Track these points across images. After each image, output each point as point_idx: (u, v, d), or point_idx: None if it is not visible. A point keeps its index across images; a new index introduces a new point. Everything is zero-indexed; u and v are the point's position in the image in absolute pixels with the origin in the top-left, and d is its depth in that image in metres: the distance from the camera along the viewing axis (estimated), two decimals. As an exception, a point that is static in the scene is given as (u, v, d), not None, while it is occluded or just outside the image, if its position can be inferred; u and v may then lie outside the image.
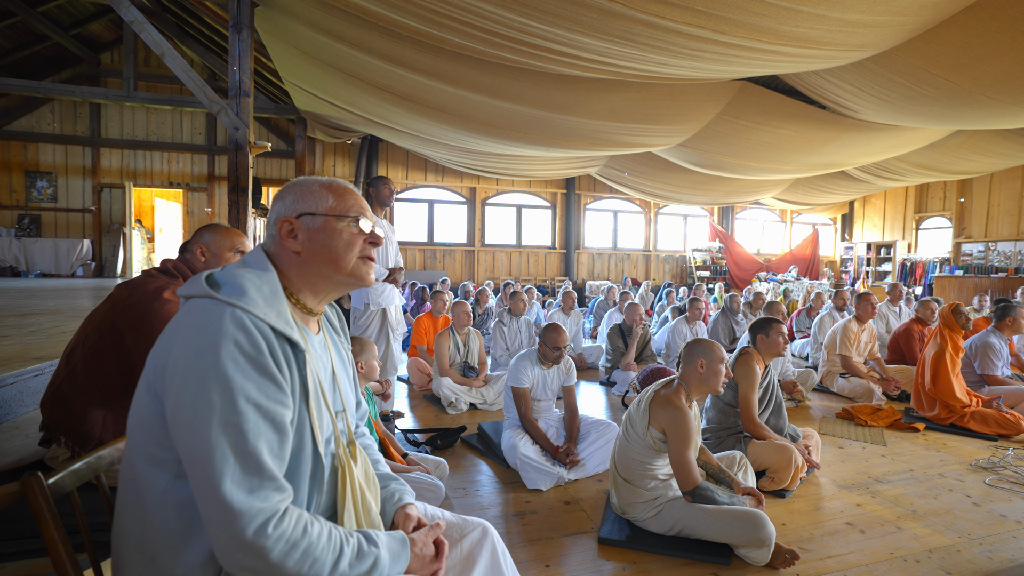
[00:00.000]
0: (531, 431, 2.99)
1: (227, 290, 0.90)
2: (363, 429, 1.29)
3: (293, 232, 1.01)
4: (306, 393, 0.95)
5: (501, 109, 6.40)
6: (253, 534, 0.80)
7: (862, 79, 5.24)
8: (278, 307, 0.94)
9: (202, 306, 0.89)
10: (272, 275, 0.97)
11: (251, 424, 0.83)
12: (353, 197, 1.06)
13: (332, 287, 1.05)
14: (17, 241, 9.79)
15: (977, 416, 3.70)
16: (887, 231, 14.32)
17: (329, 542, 0.88)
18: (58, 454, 1.85)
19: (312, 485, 0.96)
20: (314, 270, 1.02)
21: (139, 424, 0.90)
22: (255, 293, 0.91)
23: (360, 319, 3.58)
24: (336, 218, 1.02)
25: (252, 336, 0.86)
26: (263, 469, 0.83)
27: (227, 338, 0.84)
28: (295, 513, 0.86)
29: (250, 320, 0.87)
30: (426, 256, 12.39)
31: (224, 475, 0.80)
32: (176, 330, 0.89)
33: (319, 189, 1.04)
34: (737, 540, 1.98)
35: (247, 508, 0.80)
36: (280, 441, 0.88)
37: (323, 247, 1.01)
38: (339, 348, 1.17)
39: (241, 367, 0.84)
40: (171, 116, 10.81)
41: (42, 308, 5.46)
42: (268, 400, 0.86)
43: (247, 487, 0.81)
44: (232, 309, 0.87)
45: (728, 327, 6.04)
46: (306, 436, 0.94)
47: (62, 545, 0.90)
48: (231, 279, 0.92)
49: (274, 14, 5.24)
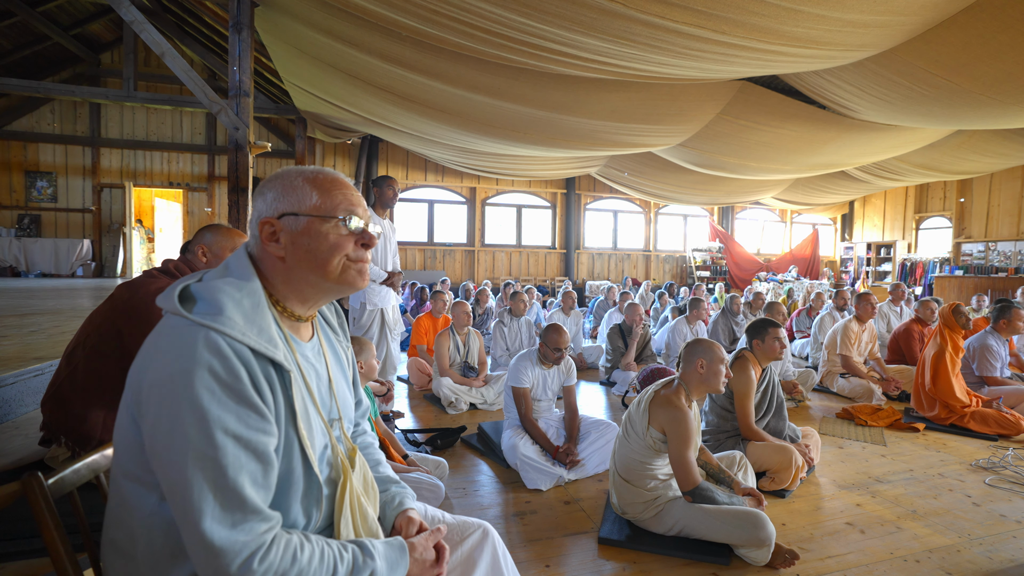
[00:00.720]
0: (531, 431, 2.98)
1: (202, 307, 0.83)
2: (364, 426, 1.27)
3: (275, 235, 0.91)
4: (293, 415, 0.89)
5: (501, 109, 6.40)
6: (238, 570, 0.76)
7: (862, 79, 5.24)
8: (260, 323, 0.86)
9: (174, 327, 0.82)
10: (255, 285, 0.89)
11: (230, 458, 0.77)
12: (341, 192, 0.95)
13: (321, 294, 0.97)
14: (17, 241, 9.79)
15: (977, 416, 3.70)
16: (887, 231, 14.32)
17: (322, 564, 0.85)
18: (58, 454, 1.85)
19: (307, 503, 0.93)
20: (300, 276, 0.93)
21: (122, 444, 0.86)
22: (233, 310, 0.83)
23: (360, 319, 3.58)
24: (320, 219, 0.92)
25: (228, 362, 0.79)
26: (245, 503, 0.78)
27: (201, 365, 0.77)
28: (283, 541, 0.82)
29: (227, 343, 0.80)
30: (426, 256, 12.39)
31: (203, 512, 0.75)
32: (149, 353, 0.82)
33: (302, 184, 0.93)
34: (737, 540, 1.98)
35: (230, 544, 0.76)
36: (264, 471, 0.82)
37: (307, 252, 0.91)
38: (336, 349, 1.12)
39: (217, 397, 0.78)
40: (171, 116, 10.81)
41: (42, 308, 5.47)
42: (248, 430, 0.80)
43: (229, 522, 0.76)
44: (206, 332, 0.80)
45: (728, 328, 6.04)
46: (295, 458, 0.89)
47: (62, 545, 0.90)
48: (207, 294, 0.84)
49: (274, 14, 5.24)
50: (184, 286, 0.87)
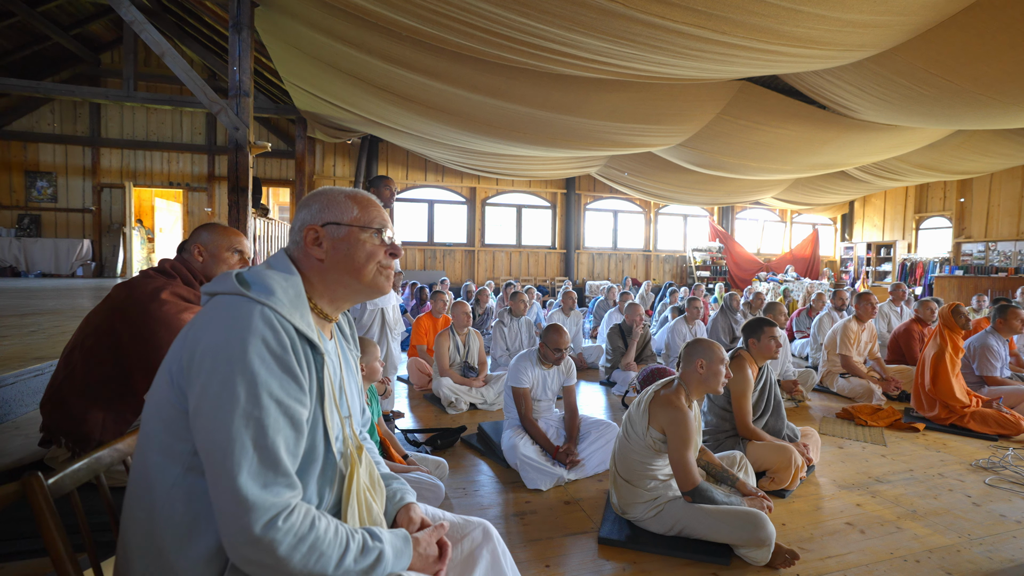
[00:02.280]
0: (531, 431, 2.98)
1: (256, 289, 0.93)
2: (365, 435, 1.31)
3: (318, 240, 1.04)
4: (322, 394, 0.97)
5: (501, 109, 6.40)
6: (263, 528, 0.82)
7: (862, 79, 5.24)
8: (301, 310, 0.97)
9: (232, 302, 0.91)
10: (297, 279, 1.00)
11: (272, 419, 0.86)
12: (376, 209, 1.10)
13: (350, 295, 1.09)
14: (17, 241, 9.79)
15: (977, 416, 3.70)
16: (887, 231, 14.32)
17: (335, 537, 0.90)
18: (58, 454, 1.85)
19: (322, 483, 0.99)
20: (335, 278, 1.05)
21: (157, 414, 0.92)
22: (282, 294, 0.94)
23: (361, 319, 3.57)
24: (360, 228, 1.06)
25: (279, 334, 0.89)
26: (279, 464, 0.86)
27: (256, 334, 0.87)
28: (303, 508, 0.88)
29: (277, 319, 0.90)
30: (426, 256, 12.39)
31: (242, 467, 0.82)
32: (205, 324, 0.90)
33: (344, 200, 1.07)
34: (737, 540, 1.98)
35: (260, 502, 0.82)
36: (296, 439, 0.90)
37: (346, 256, 1.04)
38: (348, 357, 1.19)
39: (267, 363, 0.87)
40: (171, 116, 10.81)
41: (42, 308, 5.46)
42: (289, 398, 0.89)
43: (262, 481, 0.83)
44: (261, 307, 0.90)
45: (728, 325, 6.04)
46: (319, 435, 0.97)
47: (62, 545, 0.90)
48: (259, 279, 0.95)
49: (274, 14, 5.24)
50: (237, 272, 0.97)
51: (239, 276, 0.96)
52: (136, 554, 0.90)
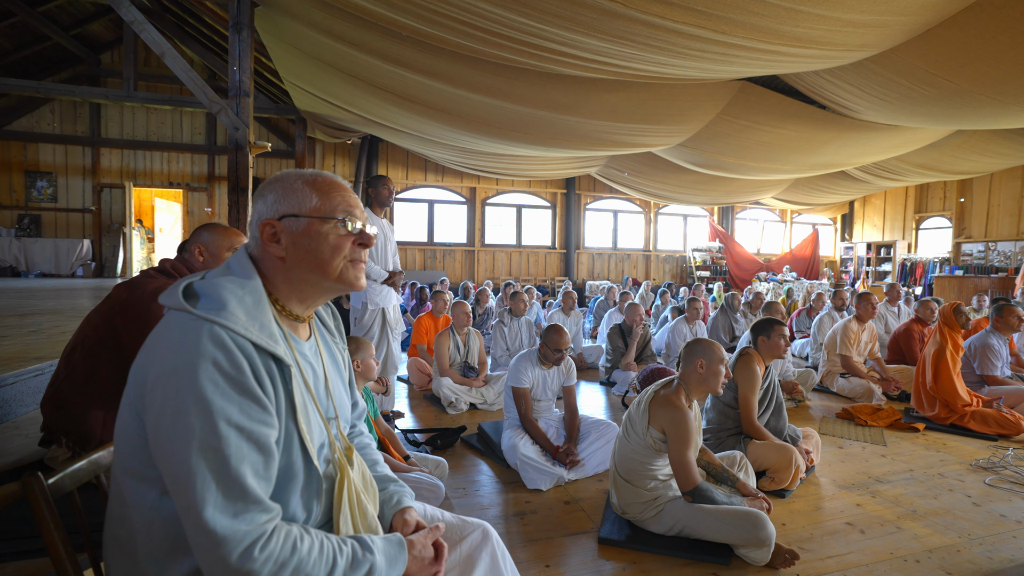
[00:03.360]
0: (531, 431, 2.98)
1: (205, 303, 0.85)
2: (361, 427, 1.28)
3: (276, 236, 0.94)
4: (293, 409, 0.91)
5: (501, 109, 6.40)
6: (239, 559, 0.77)
7: (862, 79, 5.24)
8: (261, 319, 0.88)
9: (179, 322, 0.84)
10: (256, 283, 0.92)
11: (233, 448, 0.79)
12: (340, 194, 0.98)
13: (320, 293, 1.00)
14: (17, 241, 9.79)
15: (977, 416, 3.70)
16: (887, 231, 14.32)
17: (321, 555, 0.85)
18: (58, 454, 1.85)
19: (307, 497, 0.94)
20: (300, 276, 0.96)
21: (124, 440, 0.87)
22: (236, 306, 0.85)
23: (362, 319, 3.57)
24: (321, 220, 0.94)
25: (232, 355, 0.81)
26: (247, 493, 0.80)
27: (205, 358, 0.79)
28: (283, 531, 0.83)
29: (230, 337, 0.82)
30: (426, 256, 12.39)
31: (206, 501, 0.77)
32: (154, 347, 0.84)
33: (302, 186, 0.95)
34: (737, 540, 1.98)
35: (231, 533, 0.77)
36: (265, 462, 0.84)
37: (308, 252, 0.94)
38: (332, 351, 1.13)
39: (221, 388, 0.80)
40: (171, 116, 10.81)
41: (42, 308, 5.47)
42: (251, 421, 0.82)
43: (231, 512, 0.78)
44: (210, 325, 0.82)
45: (728, 325, 6.05)
46: (295, 451, 0.91)
47: (62, 545, 0.90)
48: (211, 290, 0.87)
49: (274, 14, 5.24)
50: (187, 283, 0.89)
51: (188, 288, 0.88)
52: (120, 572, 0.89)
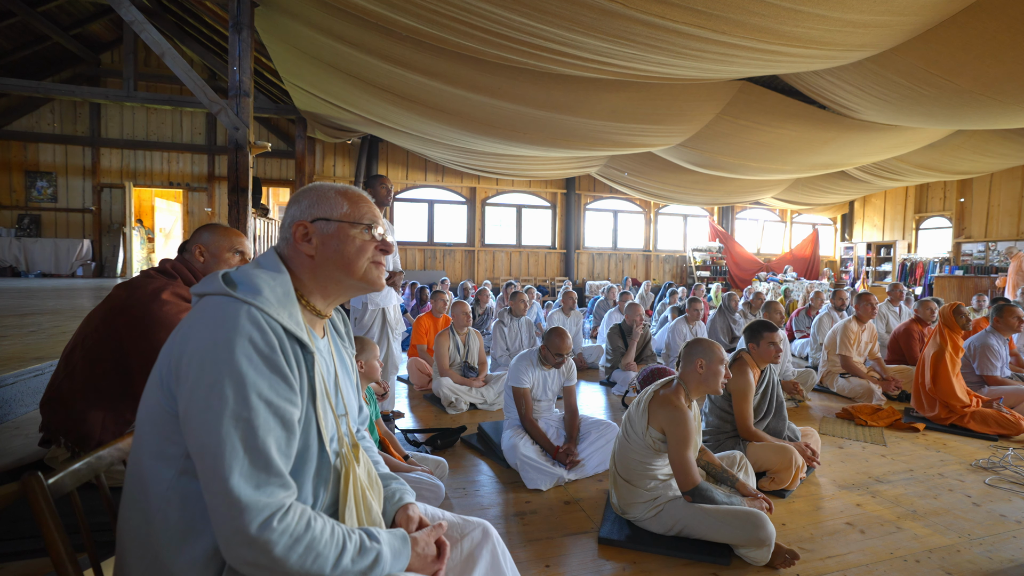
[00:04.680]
0: (531, 431, 2.98)
1: (243, 289, 0.93)
2: (364, 432, 1.31)
3: (307, 236, 1.03)
4: (313, 393, 0.97)
5: (501, 109, 6.40)
6: (258, 528, 0.81)
7: (862, 79, 5.24)
8: (290, 308, 0.96)
9: (218, 303, 0.91)
10: (285, 277, 1.00)
11: (262, 420, 0.85)
12: (367, 205, 1.08)
13: (343, 291, 1.08)
14: (17, 241, 9.79)
15: (977, 416, 3.70)
16: (887, 231, 14.32)
17: (332, 538, 0.89)
18: (58, 454, 1.85)
19: (317, 483, 0.98)
20: (326, 274, 1.04)
21: (148, 419, 0.91)
22: (269, 293, 0.93)
23: (362, 320, 3.57)
24: (350, 224, 1.04)
25: (266, 334, 0.89)
26: (271, 465, 0.85)
27: (243, 335, 0.87)
28: (299, 509, 0.88)
29: (264, 319, 0.90)
30: (426, 256, 12.39)
31: (233, 469, 0.82)
32: (192, 325, 0.90)
33: (334, 195, 1.06)
34: (737, 540, 1.98)
35: (253, 502, 0.82)
36: (288, 439, 0.89)
37: (336, 252, 1.03)
38: (342, 354, 1.18)
39: (255, 364, 0.86)
40: (171, 116, 10.81)
41: (42, 308, 5.46)
42: (279, 398, 0.88)
43: (254, 482, 0.83)
44: (248, 307, 0.90)
45: (726, 325, 6.05)
46: (312, 435, 0.96)
47: (62, 545, 0.90)
48: (246, 279, 0.94)
49: (274, 14, 5.24)
50: (224, 273, 0.97)
51: (226, 276, 0.95)
52: (133, 557, 0.90)
